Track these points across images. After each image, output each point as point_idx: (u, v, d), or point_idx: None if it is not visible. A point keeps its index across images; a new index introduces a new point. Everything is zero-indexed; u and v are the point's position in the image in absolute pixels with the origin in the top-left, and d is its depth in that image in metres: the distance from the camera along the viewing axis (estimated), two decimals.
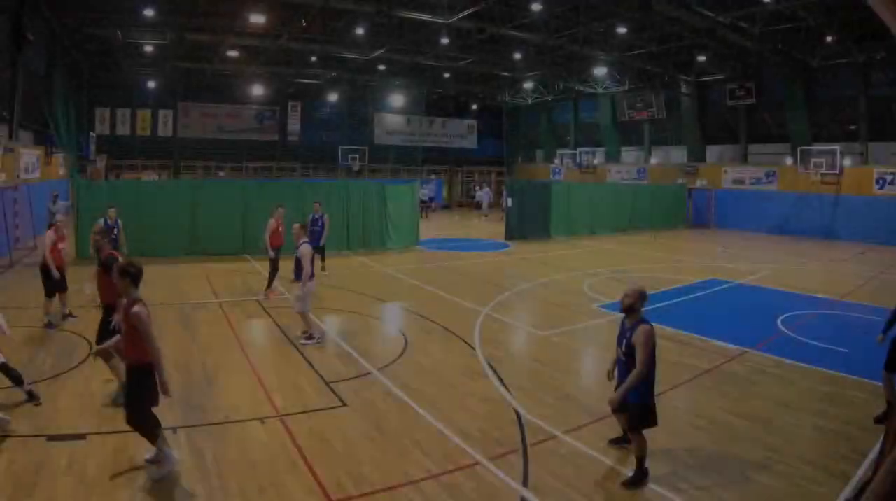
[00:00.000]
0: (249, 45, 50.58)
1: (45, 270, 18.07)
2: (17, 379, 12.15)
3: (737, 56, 50.35)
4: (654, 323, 10.17)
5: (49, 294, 18.24)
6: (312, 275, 17.17)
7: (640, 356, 9.85)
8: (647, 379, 10.02)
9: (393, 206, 36.77)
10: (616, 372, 10.68)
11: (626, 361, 10.22)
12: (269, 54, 53.59)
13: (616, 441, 11.42)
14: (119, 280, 10.15)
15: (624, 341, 10.23)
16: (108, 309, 13.30)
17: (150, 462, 10.18)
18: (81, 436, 11.10)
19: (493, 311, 21.71)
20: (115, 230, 21.45)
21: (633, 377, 9.89)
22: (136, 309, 9.69)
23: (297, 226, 17.69)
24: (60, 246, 18.60)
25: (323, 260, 27.58)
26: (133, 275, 10.02)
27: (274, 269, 23.51)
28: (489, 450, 11.03)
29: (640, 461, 10.14)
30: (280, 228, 23.96)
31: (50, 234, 18.38)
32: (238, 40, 48.32)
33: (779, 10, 36.72)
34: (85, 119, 59.71)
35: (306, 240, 17.49)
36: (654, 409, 10.19)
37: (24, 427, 11.35)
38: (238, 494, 9.43)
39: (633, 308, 10.28)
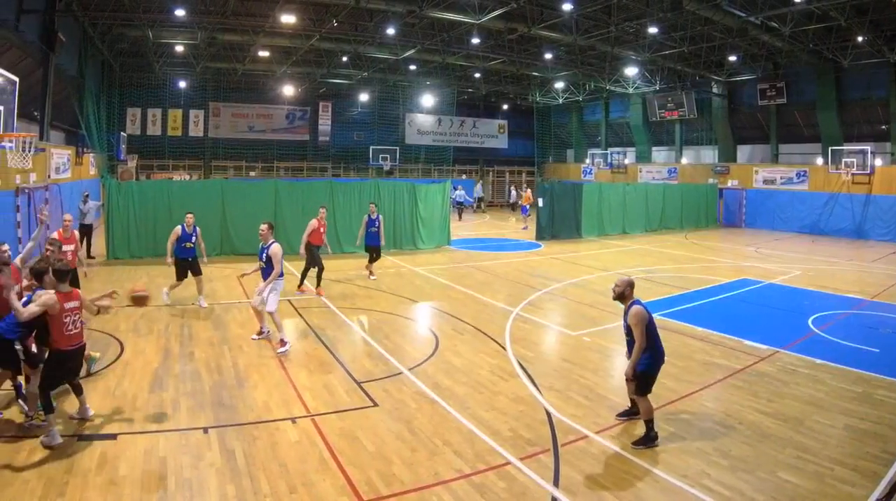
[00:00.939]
0: (280, 45, 50.76)
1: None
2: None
3: (768, 56, 50.23)
4: (685, 323, 10.44)
5: None
6: (282, 275, 17.21)
7: (636, 332, 11.62)
8: (648, 351, 11.62)
9: (424, 206, 36.76)
10: (627, 351, 12.24)
11: (628, 340, 12.04)
12: (300, 54, 53.55)
13: (624, 415, 12.49)
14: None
15: (624, 325, 12.09)
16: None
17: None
18: (112, 436, 11.18)
19: (524, 311, 21.72)
20: (194, 236, 21.34)
21: (635, 350, 11.65)
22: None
23: (265, 226, 17.58)
24: (66, 247, 18.30)
25: (372, 261, 27.55)
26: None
27: (320, 268, 23.81)
28: (520, 450, 11.03)
29: (648, 424, 11.54)
30: (322, 228, 24.21)
31: (53, 236, 17.97)
32: (269, 40, 48.52)
33: (810, 9, 36.50)
34: (116, 119, 59.87)
35: (275, 240, 17.48)
36: (653, 378, 11.89)
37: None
38: (269, 494, 9.45)
39: (624, 295, 12.21)
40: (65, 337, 11.21)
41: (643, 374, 11.66)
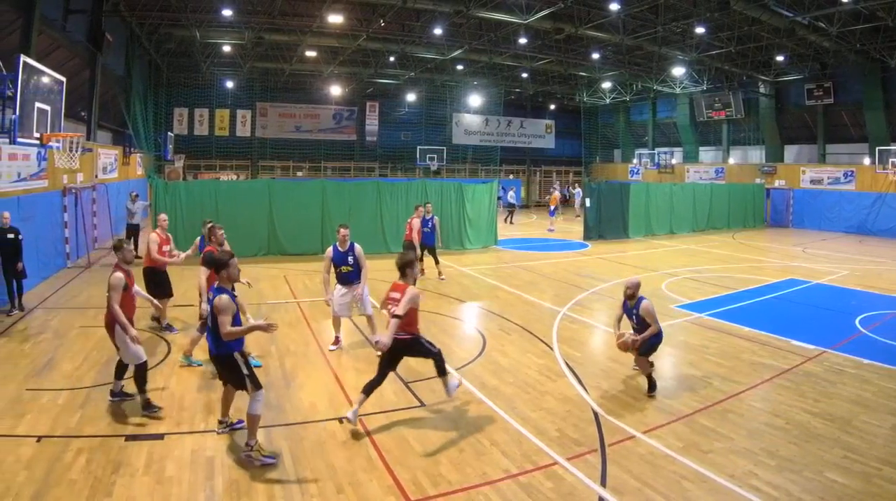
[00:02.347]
0: (327, 44, 50.94)
1: (150, 273, 17.76)
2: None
3: (815, 56, 49.85)
4: (732, 323, 10.56)
5: (159, 296, 17.31)
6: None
7: (651, 321, 14.00)
8: (658, 334, 14.17)
9: (471, 207, 36.72)
10: (631, 332, 14.49)
11: (640, 329, 14.27)
12: (347, 54, 53.80)
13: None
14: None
15: (634, 317, 14.42)
16: None
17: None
18: (159, 436, 11.28)
19: (571, 311, 21.70)
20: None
21: (649, 332, 13.95)
22: None
23: (345, 229, 17.36)
24: (166, 247, 18.36)
25: (437, 262, 27.58)
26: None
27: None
28: (567, 450, 11.03)
29: (649, 376, 14.02)
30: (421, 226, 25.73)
31: (154, 237, 17.95)
32: (316, 40, 48.72)
33: (857, 9, 36.28)
34: (163, 119, 60.46)
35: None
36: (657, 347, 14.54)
37: (102, 427, 11.54)
38: (316, 494, 9.50)
39: (634, 295, 14.52)
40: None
41: (653, 346, 14.20)
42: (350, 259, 16.86)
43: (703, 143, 69.33)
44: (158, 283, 17.88)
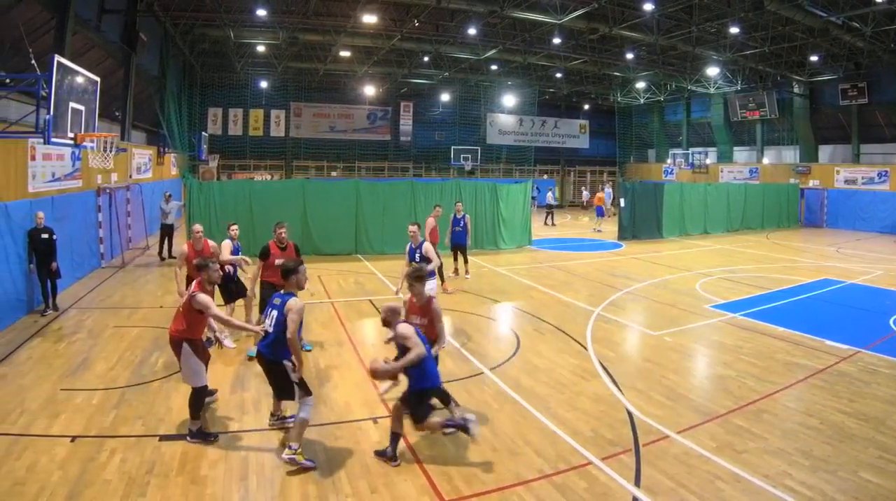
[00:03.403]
0: (361, 45, 51.16)
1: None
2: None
3: (849, 56, 49.63)
4: (766, 323, 10.55)
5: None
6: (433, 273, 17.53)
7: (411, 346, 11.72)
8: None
9: (505, 206, 36.67)
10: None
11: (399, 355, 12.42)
12: (382, 54, 53.98)
13: None
14: None
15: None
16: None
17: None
18: None
19: (606, 311, 21.64)
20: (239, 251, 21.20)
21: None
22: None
23: (414, 226, 18.25)
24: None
25: (466, 261, 28.01)
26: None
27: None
28: (601, 450, 11.02)
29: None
30: (437, 226, 25.43)
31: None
32: (350, 40, 48.92)
33: (891, 9, 36.23)
34: (197, 119, 60.86)
35: (424, 239, 18.04)
36: None
37: (136, 427, 11.60)
38: (351, 494, 9.54)
39: (389, 322, 11.45)
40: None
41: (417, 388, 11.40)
42: (418, 256, 17.59)
43: (737, 143, 69.13)
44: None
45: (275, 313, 10.54)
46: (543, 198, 56.48)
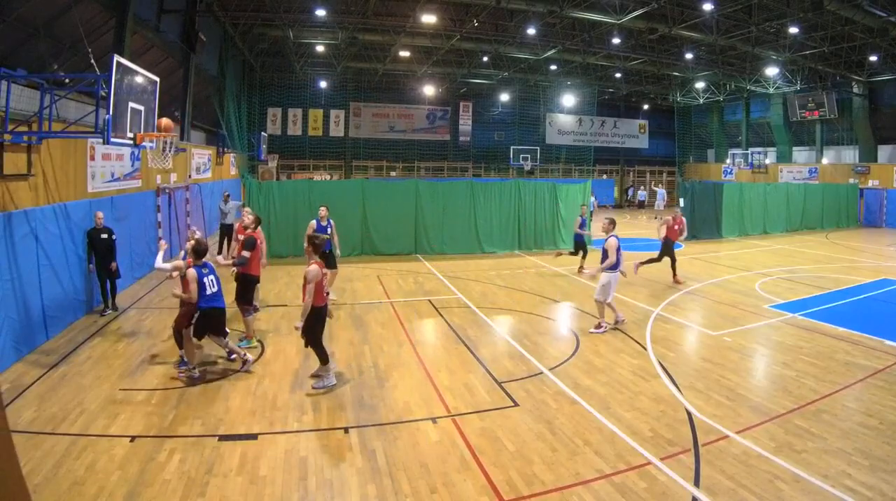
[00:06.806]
0: (421, 45, 51.26)
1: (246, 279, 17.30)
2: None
3: None
4: (826, 323, 10.58)
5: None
6: (616, 267, 18.62)
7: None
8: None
9: (564, 206, 36.44)
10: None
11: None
12: (441, 54, 54.20)
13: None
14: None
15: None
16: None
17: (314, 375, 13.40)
18: (253, 437, 11.42)
19: (665, 311, 21.67)
20: (329, 229, 21.35)
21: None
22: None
23: (606, 220, 19.63)
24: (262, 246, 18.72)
25: (575, 255, 29.97)
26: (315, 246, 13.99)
27: (673, 259, 26.79)
28: (661, 450, 11.02)
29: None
30: (677, 225, 27.65)
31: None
32: (409, 40, 49.08)
33: None
34: (256, 119, 61.39)
35: (614, 233, 19.04)
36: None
37: (195, 427, 11.74)
38: (410, 494, 9.57)
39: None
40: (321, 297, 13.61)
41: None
42: (601, 247, 19.48)
43: (796, 143, 68.54)
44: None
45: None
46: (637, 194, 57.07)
